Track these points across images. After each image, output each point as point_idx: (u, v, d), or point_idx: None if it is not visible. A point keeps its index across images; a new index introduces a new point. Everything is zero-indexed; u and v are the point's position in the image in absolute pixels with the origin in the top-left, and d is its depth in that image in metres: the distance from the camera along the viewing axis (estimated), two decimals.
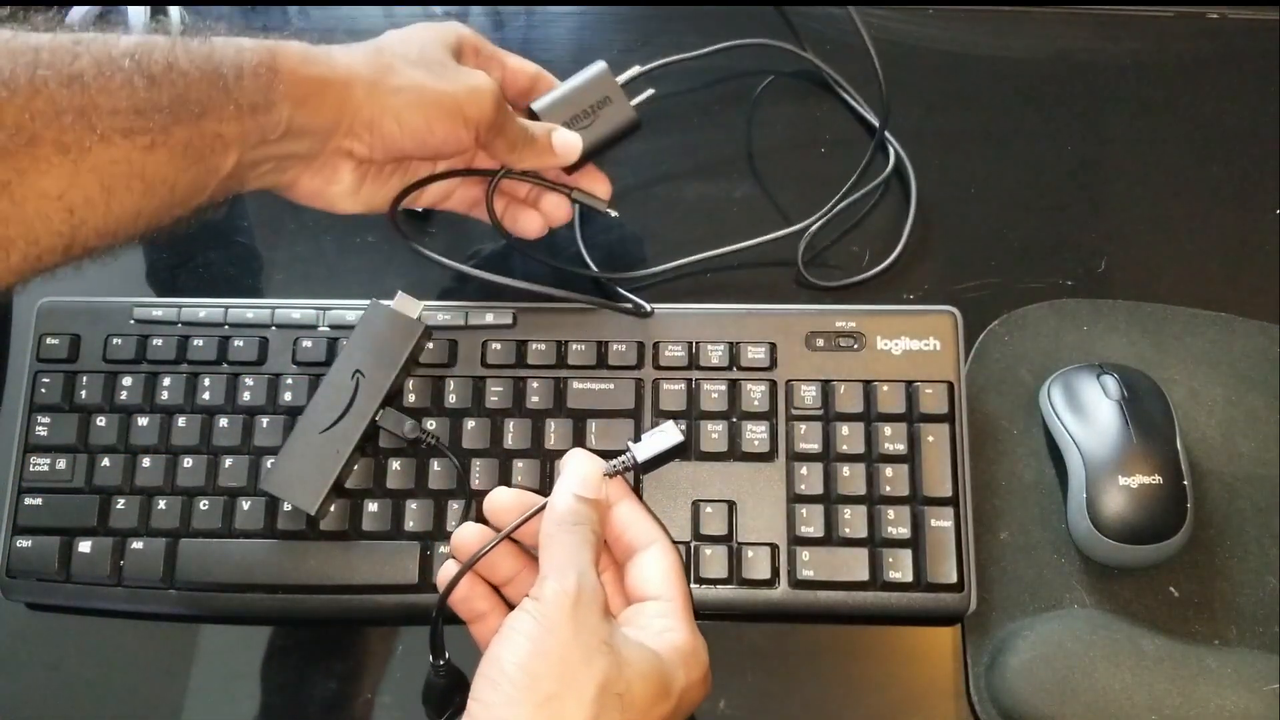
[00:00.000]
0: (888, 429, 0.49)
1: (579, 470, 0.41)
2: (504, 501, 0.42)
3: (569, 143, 0.49)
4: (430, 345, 0.50)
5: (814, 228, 0.56)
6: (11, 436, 0.50)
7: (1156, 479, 0.47)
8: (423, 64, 0.44)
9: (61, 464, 0.49)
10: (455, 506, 0.48)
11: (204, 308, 0.52)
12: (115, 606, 0.49)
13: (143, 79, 0.36)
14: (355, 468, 0.49)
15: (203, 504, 0.49)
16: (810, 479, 0.48)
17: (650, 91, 0.52)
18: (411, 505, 0.48)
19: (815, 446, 0.49)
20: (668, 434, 0.44)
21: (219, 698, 0.49)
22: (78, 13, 0.57)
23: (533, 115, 0.53)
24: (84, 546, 0.48)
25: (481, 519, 0.43)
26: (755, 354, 0.50)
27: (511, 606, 0.41)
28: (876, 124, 0.59)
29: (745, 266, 0.57)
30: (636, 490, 0.48)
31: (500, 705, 0.34)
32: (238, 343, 0.51)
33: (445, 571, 0.42)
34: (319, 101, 0.41)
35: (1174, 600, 0.49)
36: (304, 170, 0.44)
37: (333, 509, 0.48)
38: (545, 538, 0.39)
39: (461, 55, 0.47)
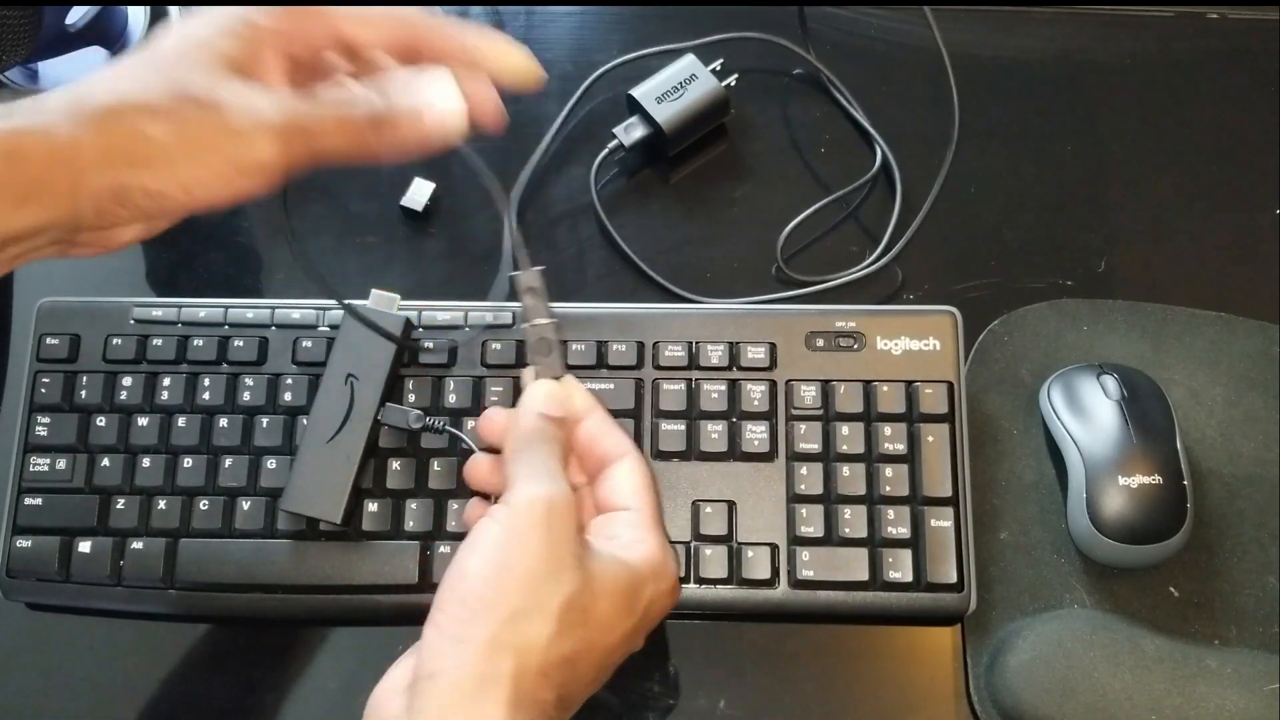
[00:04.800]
0: (888, 429, 0.49)
1: (543, 388, 0.40)
2: (499, 421, 0.41)
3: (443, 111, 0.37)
4: (430, 345, 0.50)
5: (792, 225, 0.56)
6: (11, 436, 0.50)
7: (1156, 479, 0.47)
8: (173, 111, 0.33)
9: (61, 464, 0.49)
10: (455, 506, 0.48)
11: (204, 308, 0.52)
12: (115, 606, 0.49)
13: None
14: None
15: (203, 504, 0.49)
16: (810, 479, 0.48)
17: (736, 76, 0.58)
18: (411, 505, 0.48)
19: (815, 446, 0.49)
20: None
21: (219, 698, 0.49)
22: (78, 12, 0.57)
23: (632, 102, 0.56)
24: (84, 546, 0.48)
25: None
26: (755, 354, 0.50)
27: None
28: (867, 123, 0.59)
29: (737, 264, 0.57)
30: None
31: (466, 621, 0.34)
32: (238, 343, 0.51)
33: (473, 463, 0.42)
34: (38, 205, 0.33)
35: (1174, 600, 0.49)
36: (65, 251, 0.35)
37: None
38: (512, 454, 0.38)
39: (255, 61, 0.36)
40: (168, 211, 0.35)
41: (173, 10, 0.62)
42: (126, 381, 0.50)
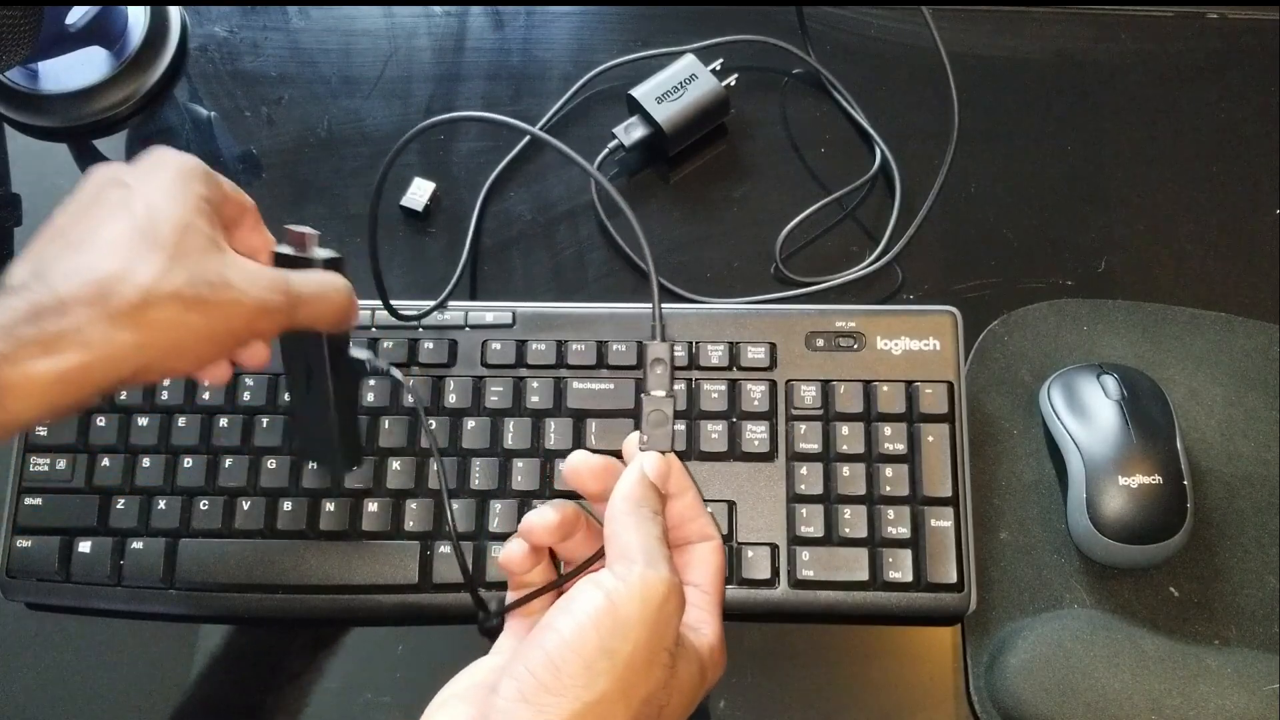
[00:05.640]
0: (888, 429, 0.49)
1: (652, 458, 0.39)
2: (587, 465, 0.40)
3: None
4: (430, 345, 0.50)
5: (792, 225, 0.56)
6: (11, 436, 0.50)
7: (1156, 479, 0.47)
8: (200, 298, 0.35)
9: (61, 464, 0.49)
10: (455, 506, 0.48)
11: None
12: (115, 606, 0.49)
13: None
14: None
15: (203, 504, 0.49)
16: (810, 479, 0.48)
17: (736, 76, 0.58)
18: (411, 505, 0.48)
19: (815, 446, 0.49)
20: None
21: (219, 698, 0.49)
22: (78, 12, 0.57)
23: (632, 102, 0.56)
24: (84, 546, 0.48)
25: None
26: (755, 354, 0.50)
27: (556, 567, 0.41)
28: (867, 123, 0.59)
29: (737, 264, 0.57)
30: None
31: (551, 691, 0.33)
32: None
33: (510, 553, 0.40)
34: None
35: (1174, 600, 0.49)
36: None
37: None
38: (619, 516, 0.37)
39: (221, 213, 0.39)
40: (165, 378, 0.36)
41: (172, 10, 0.62)
42: None
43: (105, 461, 0.49)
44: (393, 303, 0.49)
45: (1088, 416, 0.49)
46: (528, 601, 0.40)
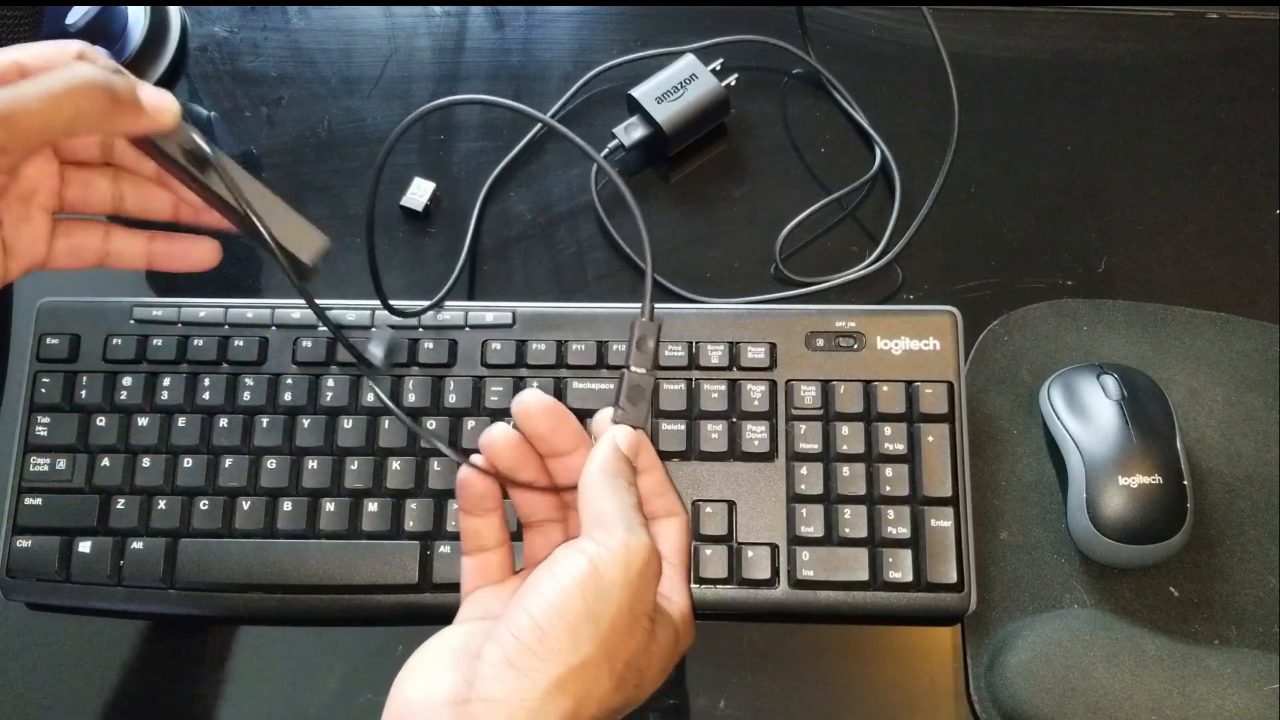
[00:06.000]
0: (888, 429, 0.49)
1: (624, 432, 0.39)
2: (539, 403, 0.39)
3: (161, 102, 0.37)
4: (430, 345, 0.51)
5: (792, 225, 0.56)
6: (11, 436, 0.50)
7: (1156, 479, 0.47)
8: None
9: (61, 464, 0.49)
10: (455, 506, 0.48)
11: (204, 307, 0.52)
12: (115, 606, 0.49)
13: None
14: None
15: (203, 504, 0.49)
16: (810, 479, 0.48)
17: (736, 76, 0.58)
18: (411, 505, 0.49)
19: (815, 446, 0.49)
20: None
21: (219, 698, 0.49)
22: (78, 12, 0.57)
23: (632, 102, 0.56)
24: (84, 546, 0.48)
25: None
26: (755, 354, 0.50)
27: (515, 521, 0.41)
28: (867, 123, 0.59)
29: (737, 264, 0.57)
30: None
31: (535, 655, 0.33)
32: (238, 343, 0.51)
33: (468, 472, 0.40)
34: None
35: (1174, 600, 0.49)
36: None
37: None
38: (595, 485, 0.37)
39: None
40: None
41: (172, 10, 0.63)
42: (126, 381, 0.50)
43: (105, 461, 0.49)
44: (392, 303, 0.49)
45: (1088, 416, 0.49)
46: (473, 511, 0.40)
